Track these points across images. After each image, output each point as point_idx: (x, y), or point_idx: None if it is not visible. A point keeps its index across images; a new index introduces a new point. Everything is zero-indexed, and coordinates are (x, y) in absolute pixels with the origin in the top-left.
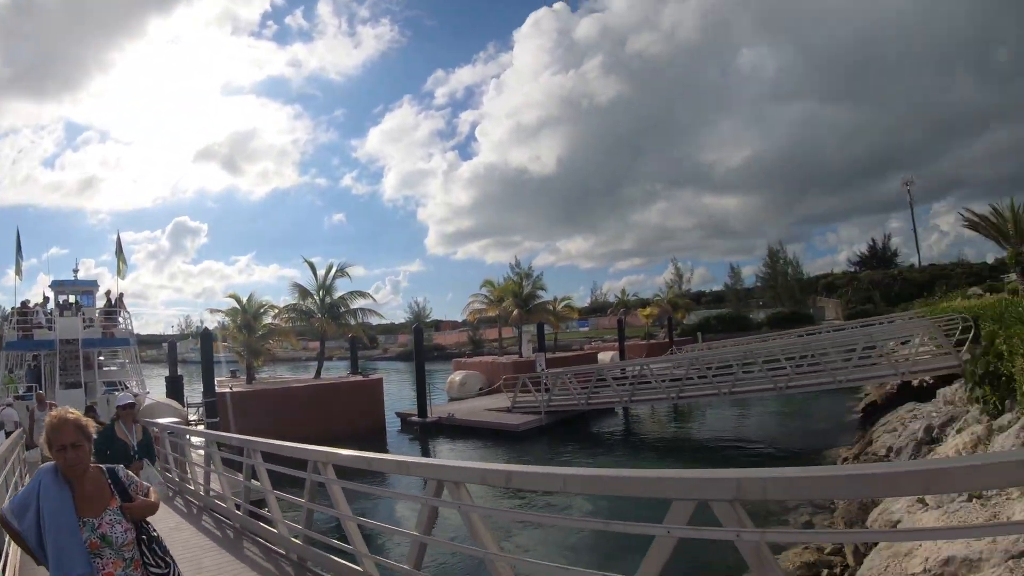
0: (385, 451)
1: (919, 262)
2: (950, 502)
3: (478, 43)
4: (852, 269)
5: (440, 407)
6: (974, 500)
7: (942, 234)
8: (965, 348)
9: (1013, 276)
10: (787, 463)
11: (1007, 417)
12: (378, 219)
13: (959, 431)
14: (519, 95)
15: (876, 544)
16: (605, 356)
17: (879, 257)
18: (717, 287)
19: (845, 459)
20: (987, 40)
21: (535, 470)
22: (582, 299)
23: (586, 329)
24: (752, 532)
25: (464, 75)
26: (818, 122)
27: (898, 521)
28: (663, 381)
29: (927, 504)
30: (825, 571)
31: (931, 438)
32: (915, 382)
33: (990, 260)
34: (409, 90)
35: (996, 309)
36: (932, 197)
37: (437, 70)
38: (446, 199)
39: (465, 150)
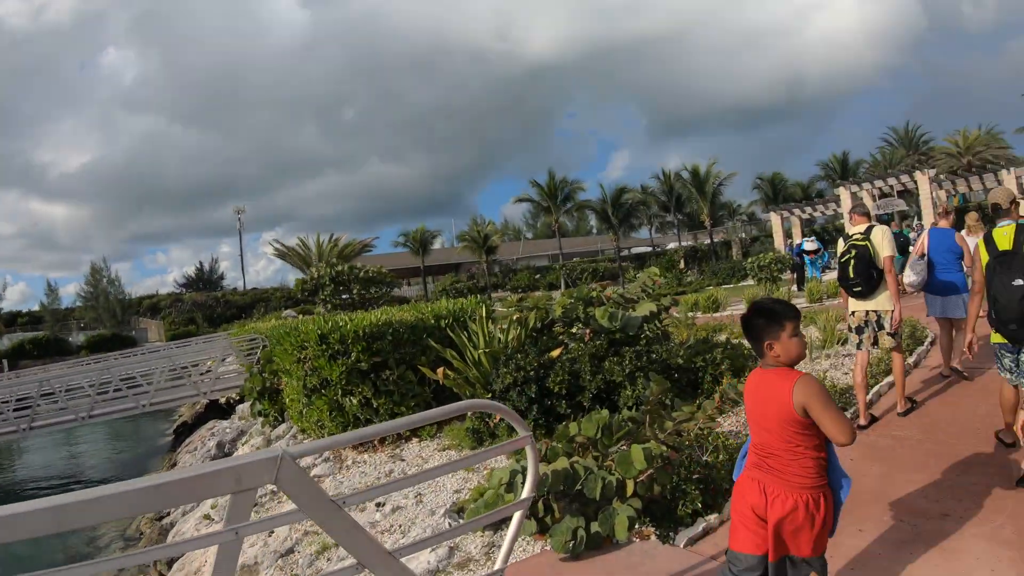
0: None
1: (244, 285)
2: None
3: None
4: (179, 290)
5: None
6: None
7: (270, 260)
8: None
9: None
10: None
11: (283, 427)
12: None
13: (245, 444)
14: None
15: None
16: None
17: (206, 279)
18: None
19: None
20: (338, 100)
21: None
22: None
23: None
24: None
25: None
26: (165, 140)
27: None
28: None
29: (213, 518)
30: None
31: (224, 453)
32: (222, 400)
33: None
34: None
35: (277, 330)
36: (264, 226)
37: None
38: None
39: None
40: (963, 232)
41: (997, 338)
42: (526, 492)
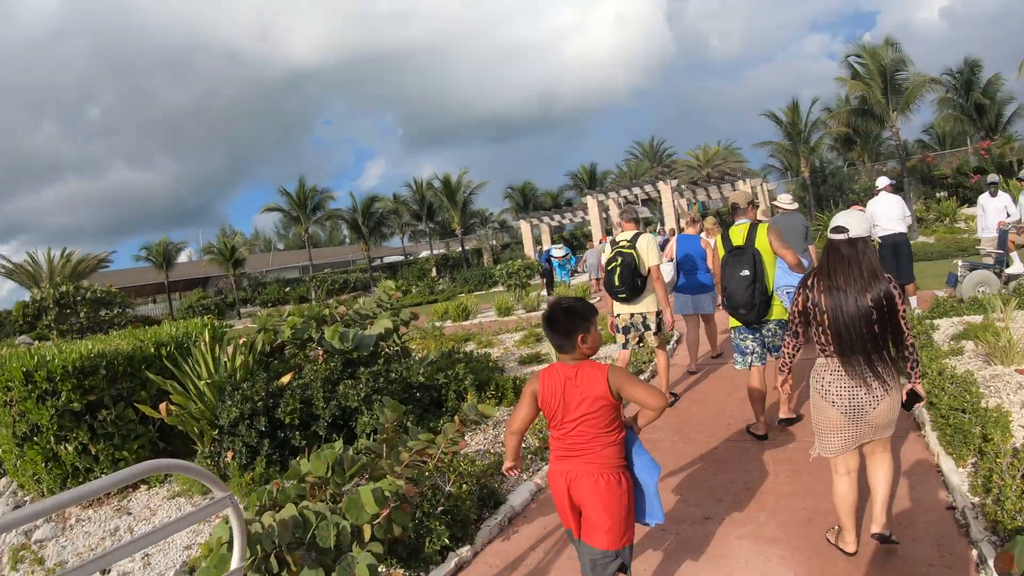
0: None
1: None
2: None
3: None
4: None
5: None
6: None
7: (3, 279)
8: None
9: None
10: None
11: (3, 483)
12: None
13: None
14: None
15: None
16: None
17: None
18: None
19: None
20: (84, 95)
21: None
22: None
23: None
24: None
25: None
26: None
27: None
28: None
29: None
30: None
31: None
32: None
33: None
34: None
35: None
36: None
37: None
38: None
39: None
40: (702, 235)
41: (734, 323)
42: (234, 563)
